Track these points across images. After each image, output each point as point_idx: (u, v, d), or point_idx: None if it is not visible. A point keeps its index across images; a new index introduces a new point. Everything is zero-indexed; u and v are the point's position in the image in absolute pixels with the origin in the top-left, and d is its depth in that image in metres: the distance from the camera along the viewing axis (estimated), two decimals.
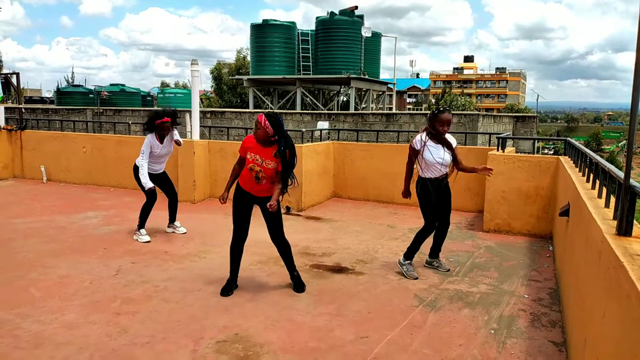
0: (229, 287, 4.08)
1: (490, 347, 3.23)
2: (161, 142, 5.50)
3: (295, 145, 3.97)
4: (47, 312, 3.60)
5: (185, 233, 5.82)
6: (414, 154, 4.49)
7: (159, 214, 5.93)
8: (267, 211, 3.90)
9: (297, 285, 4.17)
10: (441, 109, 4.47)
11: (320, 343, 3.24)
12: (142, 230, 5.59)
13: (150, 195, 5.52)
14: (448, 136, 4.50)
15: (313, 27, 26.79)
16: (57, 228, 6.04)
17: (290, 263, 4.23)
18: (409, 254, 4.62)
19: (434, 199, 4.50)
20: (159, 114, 5.45)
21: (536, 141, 11.41)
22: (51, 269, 4.55)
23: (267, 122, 3.73)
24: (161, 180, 5.76)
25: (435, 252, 4.81)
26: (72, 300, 3.83)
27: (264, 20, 27.15)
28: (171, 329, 3.38)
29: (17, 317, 3.51)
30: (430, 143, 4.42)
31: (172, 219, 5.90)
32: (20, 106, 10.75)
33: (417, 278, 4.48)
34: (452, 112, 5.14)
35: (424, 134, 4.48)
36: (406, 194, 4.69)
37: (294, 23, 27.36)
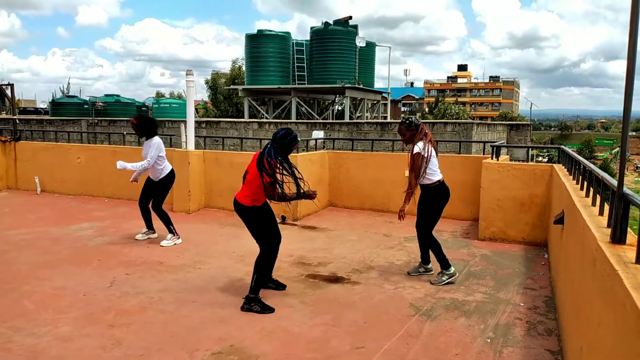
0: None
1: (486, 357, 3.22)
2: None
3: (291, 154, 3.99)
4: (40, 325, 3.57)
5: (178, 244, 5.82)
6: (422, 162, 4.44)
7: (157, 224, 5.93)
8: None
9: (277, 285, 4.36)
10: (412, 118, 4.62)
11: (316, 354, 3.23)
12: (169, 235, 5.80)
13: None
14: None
15: (307, 37, 26.94)
16: (51, 239, 6.00)
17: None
18: (444, 264, 4.61)
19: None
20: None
21: (530, 149, 11.48)
22: (45, 281, 4.52)
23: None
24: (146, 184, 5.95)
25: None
26: (66, 313, 3.80)
27: (258, 30, 27.26)
28: (166, 341, 3.36)
29: (10, 330, 3.47)
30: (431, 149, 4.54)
31: (148, 225, 6.02)
32: (15, 117, 10.71)
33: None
34: (446, 120, 5.32)
35: (422, 143, 4.48)
36: (406, 209, 4.48)
37: (288, 33, 27.50)
